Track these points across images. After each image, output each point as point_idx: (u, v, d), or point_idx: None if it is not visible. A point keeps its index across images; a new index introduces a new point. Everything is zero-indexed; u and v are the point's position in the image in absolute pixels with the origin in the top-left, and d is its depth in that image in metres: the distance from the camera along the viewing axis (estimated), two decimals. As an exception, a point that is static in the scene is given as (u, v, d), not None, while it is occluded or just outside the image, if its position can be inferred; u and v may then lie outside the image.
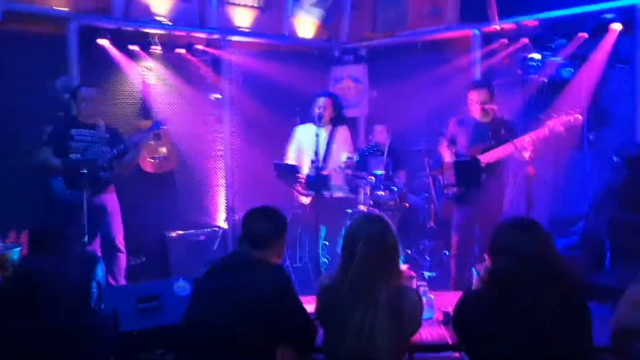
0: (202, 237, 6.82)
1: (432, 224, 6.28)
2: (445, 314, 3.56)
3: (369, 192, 6.29)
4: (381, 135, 7.06)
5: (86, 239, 5.13)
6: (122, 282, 5.78)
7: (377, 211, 6.19)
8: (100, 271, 3.91)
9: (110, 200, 5.70)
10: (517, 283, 2.51)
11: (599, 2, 5.63)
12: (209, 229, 7.02)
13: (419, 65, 7.46)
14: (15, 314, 3.08)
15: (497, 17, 6.28)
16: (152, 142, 6.43)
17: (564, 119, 4.96)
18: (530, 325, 2.46)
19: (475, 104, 5.46)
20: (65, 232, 3.79)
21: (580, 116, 4.97)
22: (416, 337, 3.07)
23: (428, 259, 6.41)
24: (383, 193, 6.38)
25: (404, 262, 4.86)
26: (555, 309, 2.47)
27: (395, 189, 6.42)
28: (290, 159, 6.13)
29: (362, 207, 6.12)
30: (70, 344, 3.22)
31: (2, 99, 5.68)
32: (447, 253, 6.17)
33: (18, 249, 4.70)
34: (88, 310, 3.63)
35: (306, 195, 5.81)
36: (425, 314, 3.29)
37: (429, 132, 6.61)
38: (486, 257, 2.74)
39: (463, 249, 5.56)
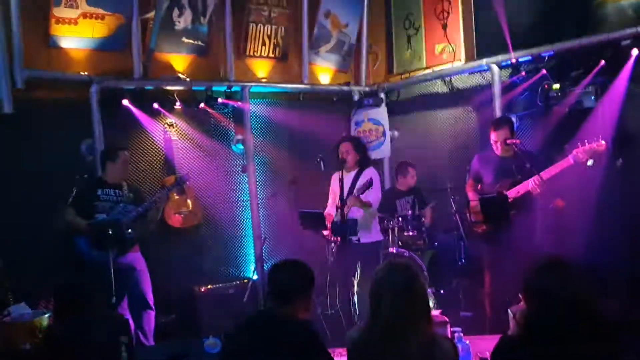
0: (231, 291, 6.71)
1: (462, 261, 6.19)
2: (483, 360, 3.47)
3: (397, 233, 6.24)
4: (412, 179, 7.00)
5: (114, 300, 5.11)
6: (152, 340, 5.73)
7: (407, 252, 6.14)
8: (129, 333, 3.86)
9: (137, 258, 5.67)
10: (553, 327, 2.46)
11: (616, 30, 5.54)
12: (238, 282, 6.95)
13: (438, 103, 7.47)
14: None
15: (512, 50, 6.22)
16: (177, 197, 6.45)
17: (588, 147, 4.93)
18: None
19: (496, 143, 5.45)
20: (92, 294, 3.77)
21: (604, 143, 4.93)
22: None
23: (462, 298, 6.28)
24: (411, 233, 6.34)
25: (437, 306, 4.79)
26: (592, 354, 2.41)
27: (424, 228, 6.37)
28: (328, 207, 6.08)
29: (391, 249, 6.07)
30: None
31: (27, 164, 5.72)
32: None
33: (47, 315, 4.67)
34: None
35: (333, 242, 5.74)
36: (462, 362, 3.19)
37: (454, 169, 6.55)
38: (521, 298, 2.69)
39: (496, 288, 5.43)
